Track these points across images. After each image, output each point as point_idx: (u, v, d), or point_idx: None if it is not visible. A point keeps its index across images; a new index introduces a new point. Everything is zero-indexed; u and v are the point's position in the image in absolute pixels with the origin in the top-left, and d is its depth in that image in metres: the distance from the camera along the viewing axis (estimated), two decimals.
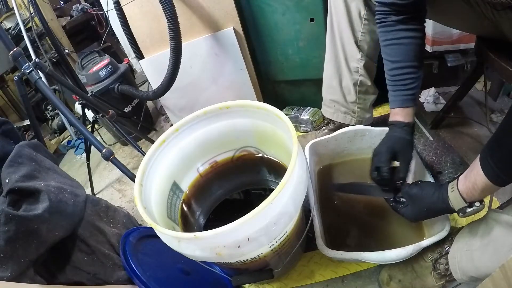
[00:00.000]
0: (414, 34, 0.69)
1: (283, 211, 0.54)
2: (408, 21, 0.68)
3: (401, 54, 0.70)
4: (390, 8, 0.68)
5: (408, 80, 0.70)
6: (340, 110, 1.07)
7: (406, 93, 0.71)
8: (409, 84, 0.70)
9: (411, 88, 0.70)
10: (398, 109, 0.72)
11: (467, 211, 0.56)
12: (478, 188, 0.53)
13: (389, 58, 0.72)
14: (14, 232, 0.64)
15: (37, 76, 0.98)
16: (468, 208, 0.56)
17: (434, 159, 1.03)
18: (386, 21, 0.70)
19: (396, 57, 0.70)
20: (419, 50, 0.70)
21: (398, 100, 0.72)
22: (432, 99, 1.25)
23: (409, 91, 0.70)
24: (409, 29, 0.68)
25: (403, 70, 0.70)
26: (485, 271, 0.56)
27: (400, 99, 0.71)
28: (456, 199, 0.57)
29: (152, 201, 0.67)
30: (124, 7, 1.18)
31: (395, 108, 0.72)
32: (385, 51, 0.72)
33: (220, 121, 0.78)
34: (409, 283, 0.72)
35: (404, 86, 0.70)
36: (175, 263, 0.81)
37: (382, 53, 0.74)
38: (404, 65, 0.70)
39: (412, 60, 0.69)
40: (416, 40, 0.69)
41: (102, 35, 2.15)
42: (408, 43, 0.69)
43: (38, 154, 0.84)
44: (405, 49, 0.69)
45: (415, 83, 0.70)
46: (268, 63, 1.26)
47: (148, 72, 1.34)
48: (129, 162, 1.62)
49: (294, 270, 0.87)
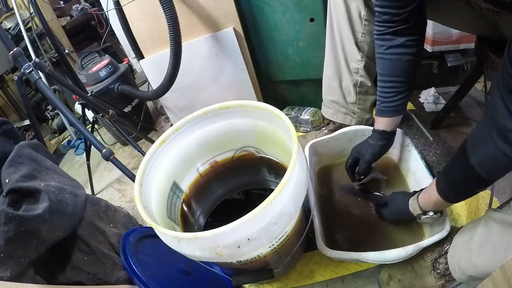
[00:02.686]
0: (406, 51, 0.69)
1: (283, 211, 0.54)
2: (404, 34, 0.68)
3: (388, 68, 0.72)
4: (387, 18, 0.67)
5: (391, 93, 0.74)
6: (340, 111, 1.07)
7: (386, 104, 0.75)
8: (391, 97, 0.74)
9: (392, 101, 0.74)
10: (376, 117, 0.79)
11: (421, 217, 0.67)
12: (432, 201, 0.64)
13: (378, 70, 0.75)
14: (14, 232, 0.64)
15: (37, 76, 0.98)
16: (423, 215, 0.67)
17: (434, 159, 1.03)
18: (382, 34, 0.70)
19: (384, 70, 0.73)
20: (408, 66, 0.71)
21: (378, 109, 0.78)
22: (432, 99, 1.25)
23: (389, 104, 0.75)
24: (402, 45, 0.69)
25: (388, 83, 0.74)
26: (483, 270, 0.56)
27: (379, 109, 0.78)
28: (414, 207, 0.69)
29: (152, 201, 0.67)
30: (124, 7, 1.18)
31: (375, 116, 0.80)
32: (377, 63, 0.75)
33: (220, 121, 0.78)
34: (409, 283, 0.73)
35: (386, 98, 0.75)
36: (175, 263, 0.81)
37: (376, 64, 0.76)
38: (389, 79, 0.73)
39: (398, 75, 0.72)
40: (408, 56, 0.70)
41: (102, 35, 2.15)
42: (397, 59, 0.71)
43: (38, 154, 0.84)
44: (393, 64, 0.72)
45: (397, 97, 0.74)
46: (268, 63, 1.26)
47: (148, 72, 1.34)
48: (129, 162, 1.62)
49: (294, 270, 0.87)
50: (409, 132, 1.14)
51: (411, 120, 1.20)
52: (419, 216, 0.68)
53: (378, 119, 0.79)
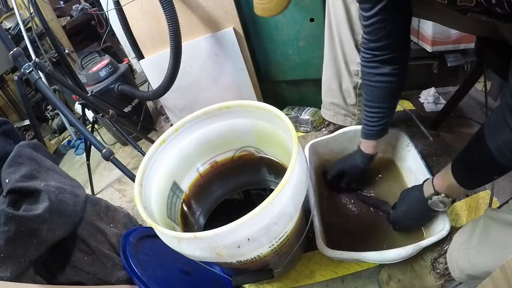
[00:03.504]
0: (390, 79, 0.72)
1: (283, 211, 0.54)
2: (389, 62, 0.70)
3: (374, 95, 0.76)
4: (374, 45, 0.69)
5: (375, 118, 0.78)
6: (340, 112, 1.06)
7: (370, 128, 0.80)
8: (376, 121, 0.78)
9: (377, 125, 0.78)
10: (362, 140, 0.84)
11: (433, 198, 0.65)
12: (445, 184, 0.63)
13: (364, 95, 0.78)
14: (14, 232, 0.64)
15: (37, 76, 0.98)
16: (435, 195, 0.65)
17: (434, 159, 1.03)
18: (368, 61, 0.72)
19: (370, 96, 0.76)
20: (392, 94, 0.75)
21: (363, 132, 0.82)
22: (432, 99, 1.25)
23: (373, 127, 0.79)
24: (387, 74, 0.71)
25: (372, 109, 0.77)
26: (481, 268, 0.57)
27: (365, 132, 0.82)
28: (427, 187, 0.67)
29: (152, 201, 0.67)
30: (124, 7, 1.18)
31: (361, 138, 0.84)
32: (363, 88, 0.78)
33: (220, 121, 0.78)
34: (409, 282, 0.73)
35: (371, 122, 0.79)
36: (175, 263, 0.81)
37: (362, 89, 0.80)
38: (373, 105, 0.77)
39: (382, 102, 0.76)
40: (392, 84, 0.72)
41: (102, 35, 2.15)
42: (382, 87, 0.73)
43: (38, 154, 0.84)
44: (378, 91, 0.74)
45: (382, 121, 0.78)
46: (268, 63, 1.26)
47: (148, 72, 1.34)
48: (129, 162, 1.62)
49: (294, 270, 0.87)
50: (409, 132, 1.14)
51: (411, 120, 1.20)
52: (431, 197, 0.66)
53: (366, 143, 0.83)
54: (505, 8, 0.43)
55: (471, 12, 0.53)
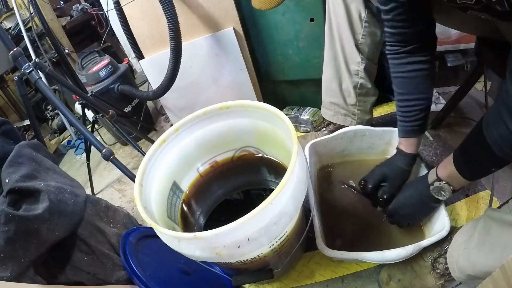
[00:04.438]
0: (422, 66, 0.69)
1: (283, 211, 0.54)
2: (417, 51, 0.68)
3: (408, 87, 0.72)
4: (399, 38, 0.68)
5: (413, 112, 0.73)
6: (340, 112, 1.06)
7: (410, 124, 0.74)
8: (414, 116, 0.73)
9: (416, 120, 0.73)
10: (402, 139, 0.77)
11: (434, 184, 0.66)
12: (447, 171, 0.64)
13: (397, 90, 0.74)
14: (14, 232, 0.64)
15: (37, 76, 0.98)
16: (437, 181, 0.66)
17: (434, 159, 1.03)
18: (395, 53, 0.70)
19: (403, 89, 0.72)
20: (426, 82, 0.71)
21: (402, 130, 0.76)
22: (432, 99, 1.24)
23: (413, 123, 0.74)
24: (417, 62, 0.69)
25: (409, 102, 0.72)
26: (481, 268, 0.57)
27: (404, 130, 0.76)
28: (431, 174, 0.68)
29: (152, 201, 0.67)
30: (124, 7, 1.18)
31: (400, 137, 0.78)
32: (394, 83, 0.74)
33: (220, 121, 0.78)
34: (409, 282, 0.73)
35: (409, 118, 0.73)
36: (175, 263, 0.81)
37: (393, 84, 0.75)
38: (410, 97, 0.72)
39: (418, 92, 0.71)
40: (425, 72, 0.70)
41: (102, 35, 2.15)
42: (414, 76, 0.70)
43: (38, 154, 0.84)
44: (411, 82, 0.71)
45: (421, 114, 0.73)
46: (268, 63, 1.26)
47: (148, 72, 1.34)
48: (129, 162, 1.62)
49: (294, 270, 0.87)
50: None
51: None
52: (433, 183, 0.66)
53: (405, 141, 0.76)
54: (505, 6, 0.43)
55: (471, 9, 0.53)
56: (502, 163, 0.54)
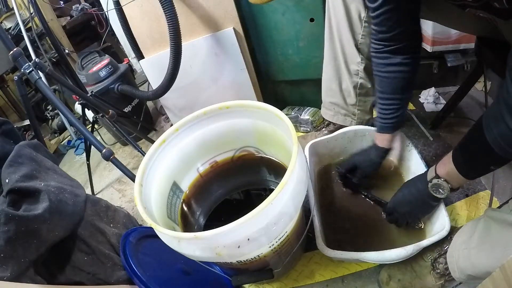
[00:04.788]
0: (402, 69, 0.71)
1: (283, 211, 0.54)
2: (400, 52, 0.69)
3: (387, 86, 0.75)
4: (383, 36, 0.69)
5: (390, 110, 0.77)
6: (340, 112, 1.06)
7: (385, 121, 0.79)
8: (390, 114, 0.77)
9: (391, 118, 0.77)
10: (377, 134, 0.83)
11: (433, 181, 0.66)
12: (446, 169, 0.65)
13: (377, 87, 0.77)
14: (14, 232, 0.64)
15: (37, 76, 0.98)
16: (435, 179, 0.66)
17: (434, 159, 1.03)
18: (378, 51, 0.72)
19: (382, 88, 0.76)
20: (405, 84, 0.73)
21: (378, 125, 0.81)
22: (432, 99, 1.25)
23: (388, 120, 0.78)
24: (398, 63, 0.71)
25: (386, 101, 0.76)
26: (482, 269, 0.57)
27: (380, 125, 0.81)
28: (430, 171, 0.69)
29: (152, 201, 0.67)
30: (124, 7, 1.18)
31: (376, 132, 0.83)
32: (375, 80, 0.77)
33: (220, 121, 0.78)
34: (409, 282, 0.73)
35: (386, 115, 0.78)
36: (175, 263, 0.81)
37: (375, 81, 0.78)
38: (387, 96, 0.76)
39: (396, 93, 0.75)
40: (404, 74, 0.72)
41: (102, 35, 2.15)
42: (394, 77, 0.73)
43: (38, 154, 0.84)
44: (390, 82, 0.74)
45: (396, 113, 0.77)
46: (268, 63, 1.26)
47: (148, 72, 1.34)
48: (129, 162, 1.62)
49: (294, 270, 0.87)
50: (409, 132, 1.14)
51: (411, 120, 1.20)
52: (432, 180, 0.67)
53: (381, 136, 0.82)
54: (503, 3, 0.43)
55: (469, 7, 0.53)
56: (502, 162, 0.54)
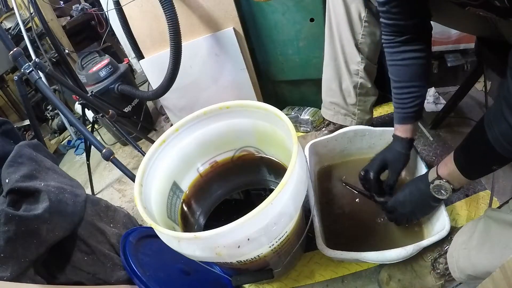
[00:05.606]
0: (417, 55, 0.70)
1: (283, 211, 0.54)
2: (412, 41, 0.69)
3: (404, 75, 0.73)
4: (394, 29, 0.69)
5: (409, 99, 0.74)
6: (340, 112, 1.06)
7: (406, 111, 0.75)
8: (410, 103, 0.74)
9: (411, 107, 0.74)
10: (398, 125, 0.78)
11: (434, 182, 0.66)
12: (447, 169, 0.64)
13: (393, 78, 0.75)
14: (14, 232, 0.64)
15: (37, 76, 0.98)
16: (437, 179, 0.65)
17: (434, 159, 1.03)
18: (391, 42, 0.71)
19: (399, 77, 0.74)
20: (422, 71, 0.72)
21: (398, 117, 0.77)
22: (432, 99, 1.24)
23: (409, 109, 0.75)
24: (412, 50, 0.70)
25: (405, 89, 0.74)
26: (482, 269, 0.57)
27: (400, 116, 0.77)
28: (432, 172, 0.68)
29: (152, 201, 0.67)
30: (124, 7, 1.18)
31: (396, 124, 0.78)
32: (390, 71, 0.75)
33: (220, 121, 0.78)
34: (409, 282, 0.73)
35: (405, 104, 0.75)
36: (175, 263, 0.81)
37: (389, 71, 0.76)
38: (405, 85, 0.73)
39: (414, 80, 0.72)
40: (419, 60, 0.71)
41: (102, 35, 2.15)
42: (410, 64, 0.71)
43: (38, 154, 0.84)
44: (407, 70, 0.72)
45: (416, 102, 0.74)
46: (268, 63, 1.26)
47: (148, 72, 1.34)
48: (129, 162, 1.62)
49: (294, 270, 0.87)
50: None
51: None
52: (433, 181, 0.66)
53: (401, 127, 0.77)
54: (504, 2, 0.43)
55: (470, 6, 0.53)
56: (503, 161, 0.54)
